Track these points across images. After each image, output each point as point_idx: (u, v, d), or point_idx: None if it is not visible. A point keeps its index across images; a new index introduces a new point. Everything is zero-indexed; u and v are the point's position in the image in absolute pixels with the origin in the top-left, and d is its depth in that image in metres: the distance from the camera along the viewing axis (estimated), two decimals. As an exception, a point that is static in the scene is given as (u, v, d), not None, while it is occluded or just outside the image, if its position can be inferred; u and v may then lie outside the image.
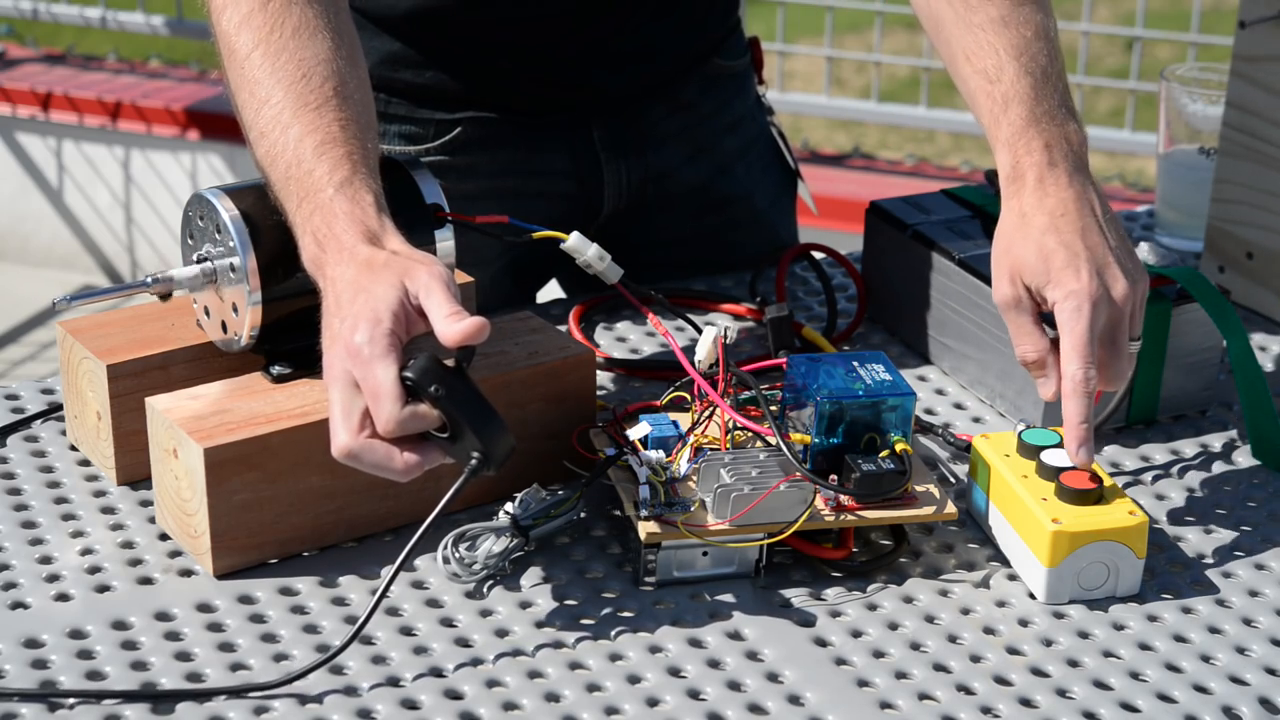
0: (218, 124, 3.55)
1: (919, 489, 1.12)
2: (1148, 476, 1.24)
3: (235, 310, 1.14)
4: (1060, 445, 1.14)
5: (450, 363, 1.01)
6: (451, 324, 1.00)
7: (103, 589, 1.08)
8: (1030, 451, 1.14)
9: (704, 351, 1.14)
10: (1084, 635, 1.07)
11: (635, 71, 1.47)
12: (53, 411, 1.27)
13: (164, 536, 1.13)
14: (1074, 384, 1.11)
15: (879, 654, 1.05)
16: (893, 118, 3.52)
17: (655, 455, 1.11)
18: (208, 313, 1.17)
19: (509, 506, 1.11)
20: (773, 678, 1.03)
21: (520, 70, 1.44)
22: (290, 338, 1.14)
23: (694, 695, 1.01)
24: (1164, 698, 1.02)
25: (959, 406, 1.33)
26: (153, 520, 1.15)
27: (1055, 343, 1.14)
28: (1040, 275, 1.14)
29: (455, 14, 1.40)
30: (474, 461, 1.01)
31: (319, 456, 1.09)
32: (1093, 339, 1.12)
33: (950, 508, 1.12)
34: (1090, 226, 1.14)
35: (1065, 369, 1.12)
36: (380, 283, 1.02)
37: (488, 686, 1.01)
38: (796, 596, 1.10)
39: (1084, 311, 1.12)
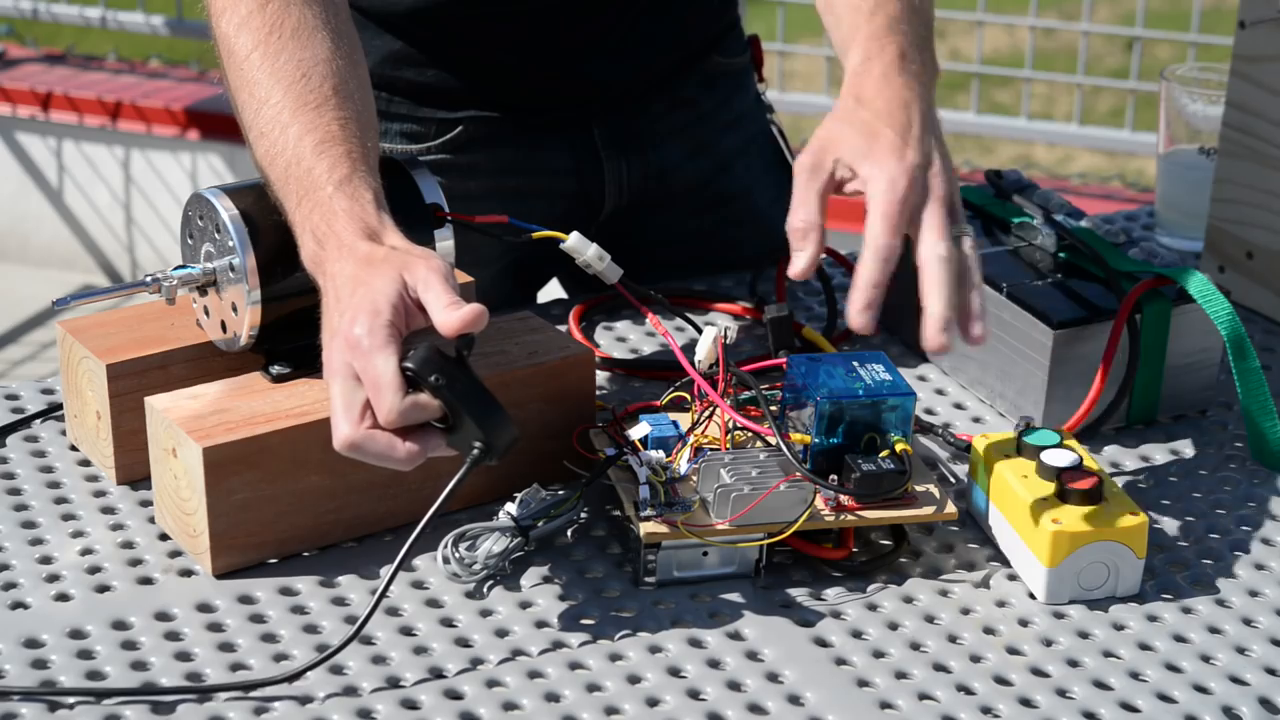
0: (218, 124, 3.55)
1: (919, 489, 1.12)
2: (1148, 476, 1.24)
3: (235, 310, 1.14)
4: (1061, 445, 1.14)
5: (451, 354, 1.02)
6: (450, 313, 1.01)
7: (103, 589, 1.08)
8: (1030, 451, 1.14)
9: (704, 351, 1.14)
10: (1084, 635, 1.07)
11: (634, 67, 1.47)
12: (53, 411, 1.27)
13: (164, 536, 1.13)
14: (877, 248, 1.09)
15: (879, 654, 1.05)
16: (893, 118, 3.51)
17: (655, 455, 1.11)
18: (207, 312, 1.17)
19: (509, 506, 1.11)
20: (773, 678, 1.03)
21: (520, 67, 1.44)
22: (290, 337, 1.14)
23: (694, 695, 1.01)
24: (1164, 698, 1.02)
25: (959, 406, 1.33)
26: (153, 520, 1.15)
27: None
28: (859, 151, 1.11)
29: (455, 11, 1.40)
30: (476, 451, 1.01)
31: (318, 456, 1.09)
32: (903, 215, 1.09)
33: (950, 508, 1.12)
34: (921, 127, 1.13)
35: (871, 235, 1.09)
36: (379, 276, 1.02)
37: (488, 686, 1.01)
38: (796, 596, 1.10)
39: (899, 187, 1.10)
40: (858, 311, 1.09)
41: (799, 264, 1.12)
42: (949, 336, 1.08)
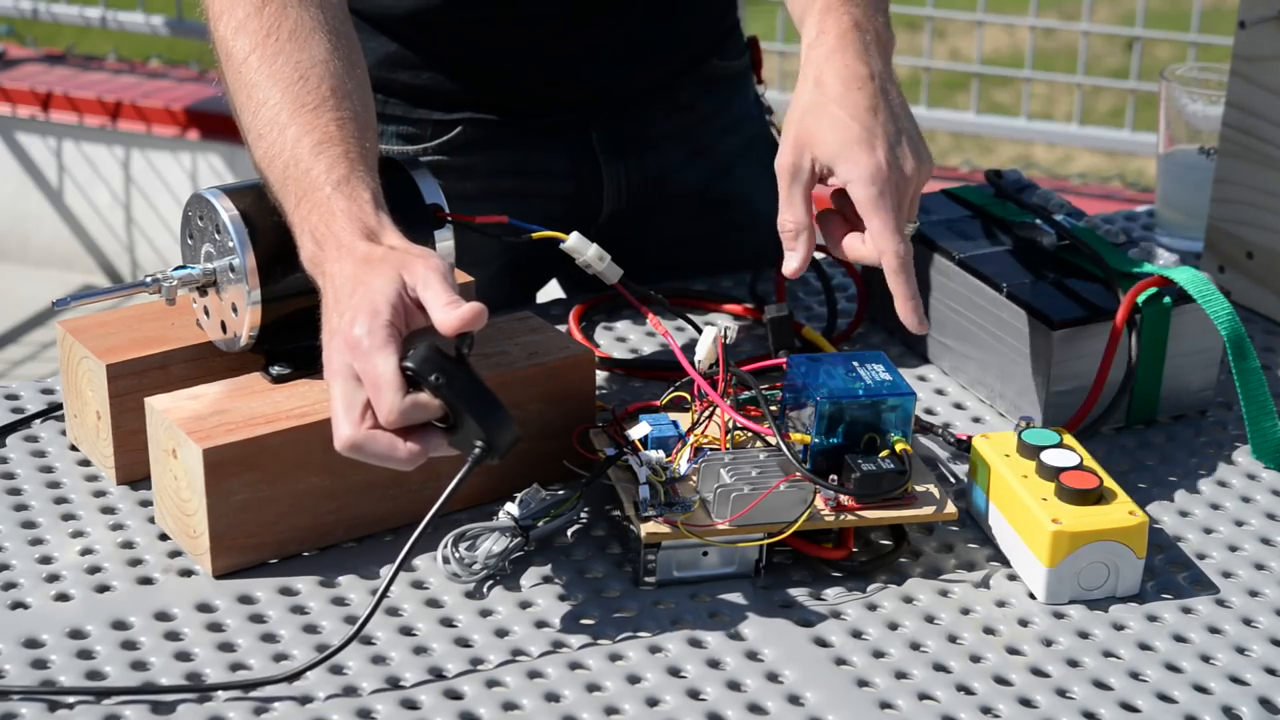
0: (218, 124, 3.56)
1: (919, 489, 1.12)
2: (1148, 476, 1.24)
3: (235, 310, 1.14)
4: (1061, 445, 1.14)
5: (451, 353, 1.02)
6: (449, 312, 1.01)
7: (103, 589, 1.08)
8: (1030, 451, 1.14)
9: (704, 351, 1.14)
10: (1084, 635, 1.07)
11: (632, 72, 1.47)
12: (53, 411, 1.27)
13: (164, 536, 1.13)
14: (898, 261, 1.14)
15: (879, 654, 1.05)
16: (893, 117, 3.51)
17: (655, 455, 1.11)
18: (207, 313, 1.17)
19: (509, 506, 1.11)
20: (773, 678, 1.03)
21: (517, 71, 1.44)
22: (290, 338, 1.14)
23: (694, 695, 1.01)
24: (1164, 698, 1.02)
25: (959, 406, 1.33)
26: (152, 520, 1.15)
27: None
28: (832, 150, 1.14)
29: (452, 15, 1.40)
30: (477, 450, 1.01)
31: (319, 457, 1.09)
32: (900, 214, 1.13)
33: (950, 508, 1.12)
34: (883, 105, 1.15)
35: (884, 248, 1.13)
36: (378, 276, 1.02)
37: (488, 686, 1.01)
38: (796, 596, 1.10)
39: (886, 191, 1.13)
40: (917, 322, 1.14)
41: (792, 263, 1.16)
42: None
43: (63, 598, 1.07)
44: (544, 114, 1.47)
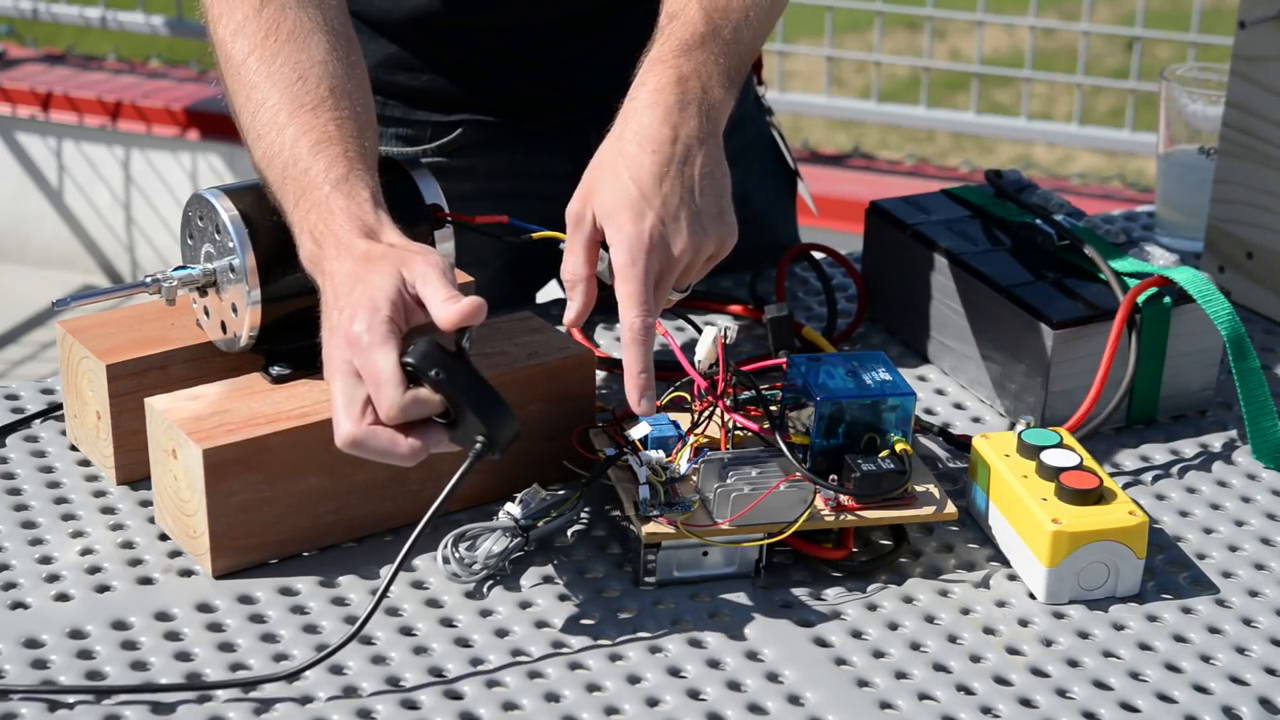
0: (218, 124, 3.56)
1: (919, 489, 1.12)
2: (1148, 476, 1.24)
3: (234, 310, 1.14)
4: (1061, 445, 1.14)
5: (451, 349, 1.02)
6: (449, 307, 1.01)
7: (103, 589, 1.08)
8: (1030, 451, 1.14)
9: (704, 351, 1.14)
10: (1084, 635, 1.07)
11: (630, 75, 1.46)
12: (53, 411, 1.27)
13: (164, 536, 1.13)
14: (633, 333, 1.07)
15: (879, 654, 1.05)
16: (893, 118, 3.52)
17: (655, 455, 1.11)
18: (207, 313, 1.17)
19: (509, 506, 1.11)
20: (773, 678, 1.03)
21: (515, 74, 1.44)
22: (290, 338, 1.14)
23: (694, 695, 1.01)
24: (1164, 698, 1.02)
25: (959, 406, 1.33)
26: (152, 520, 1.15)
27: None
28: (606, 208, 1.10)
29: (451, 21, 1.40)
30: (478, 445, 1.01)
31: (318, 457, 1.09)
32: (648, 286, 1.08)
33: (950, 508, 1.12)
34: (679, 173, 1.10)
35: (624, 316, 1.08)
36: (377, 273, 1.02)
37: (488, 686, 1.01)
38: (797, 596, 1.10)
39: (639, 262, 1.08)
40: (639, 401, 1.07)
41: (570, 313, 1.11)
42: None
43: (63, 598, 1.07)
44: (543, 116, 1.46)
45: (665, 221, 1.09)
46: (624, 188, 1.10)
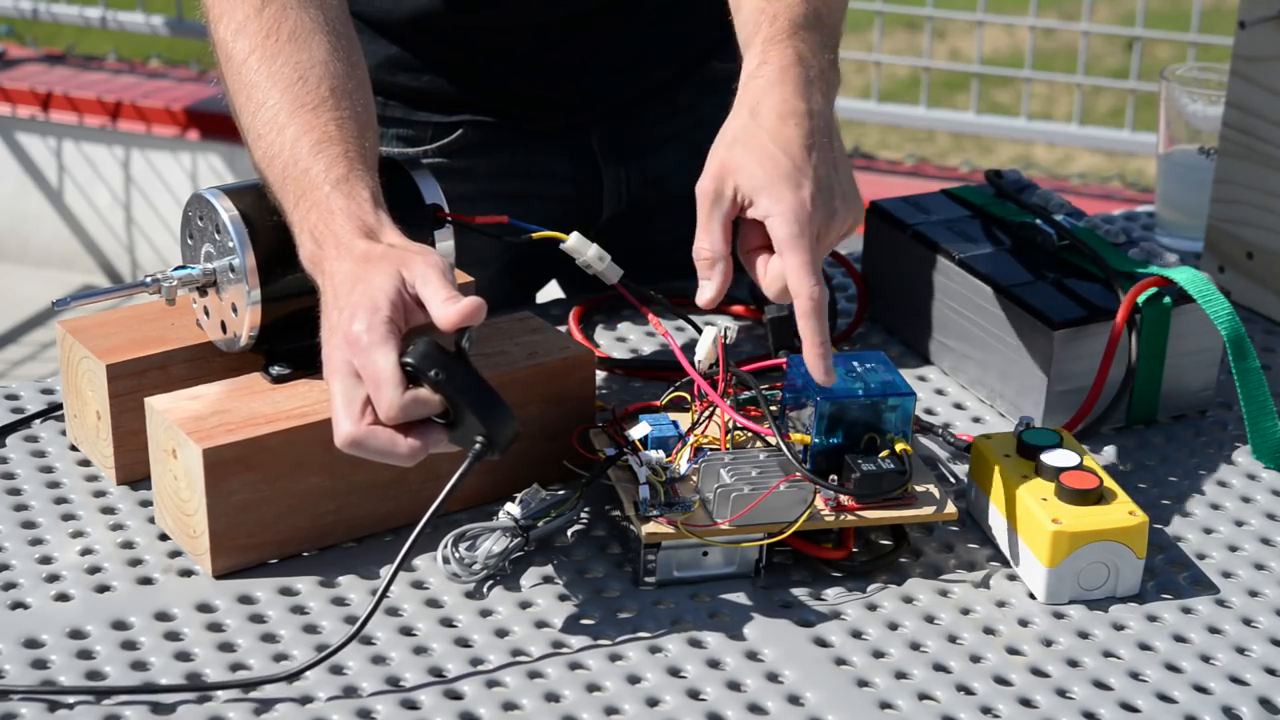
0: (218, 124, 3.56)
1: (919, 489, 1.12)
2: (1148, 476, 1.24)
3: (234, 310, 1.14)
4: (1061, 445, 1.14)
5: (451, 349, 1.02)
6: (448, 307, 1.01)
7: (103, 589, 1.08)
8: (1030, 451, 1.14)
9: (704, 351, 1.14)
10: (1084, 635, 1.07)
11: (631, 76, 1.47)
12: (53, 411, 1.27)
13: (164, 536, 1.13)
14: (812, 303, 1.07)
15: (879, 654, 1.05)
16: (893, 118, 3.52)
17: (655, 455, 1.11)
18: (207, 313, 1.17)
19: (509, 506, 1.11)
20: (773, 678, 1.03)
21: (516, 75, 1.44)
22: (289, 338, 1.14)
23: (694, 695, 1.01)
24: (1164, 698, 1.02)
25: (959, 406, 1.33)
26: (153, 520, 1.15)
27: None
28: (757, 181, 1.09)
29: (452, 21, 1.40)
30: (478, 445, 1.01)
31: (318, 457, 1.09)
32: (817, 254, 1.08)
33: (950, 508, 1.12)
34: (821, 144, 1.11)
35: (799, 287, 1.07)
36: (377, 273, 1.02)
37: (488, 686, 1.01)
38: (797, 596, 1.10)
39: (806, 230, 1.08)
40: (824, 372, 1.08)
41: (707, 293, 1.11)
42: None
43: (63, 598, 1.07)
44: (544, 117, 1.46)
45: (819, 190, 1.09)
46: (775, 159, 1.10)
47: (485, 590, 1.09)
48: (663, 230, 1.53)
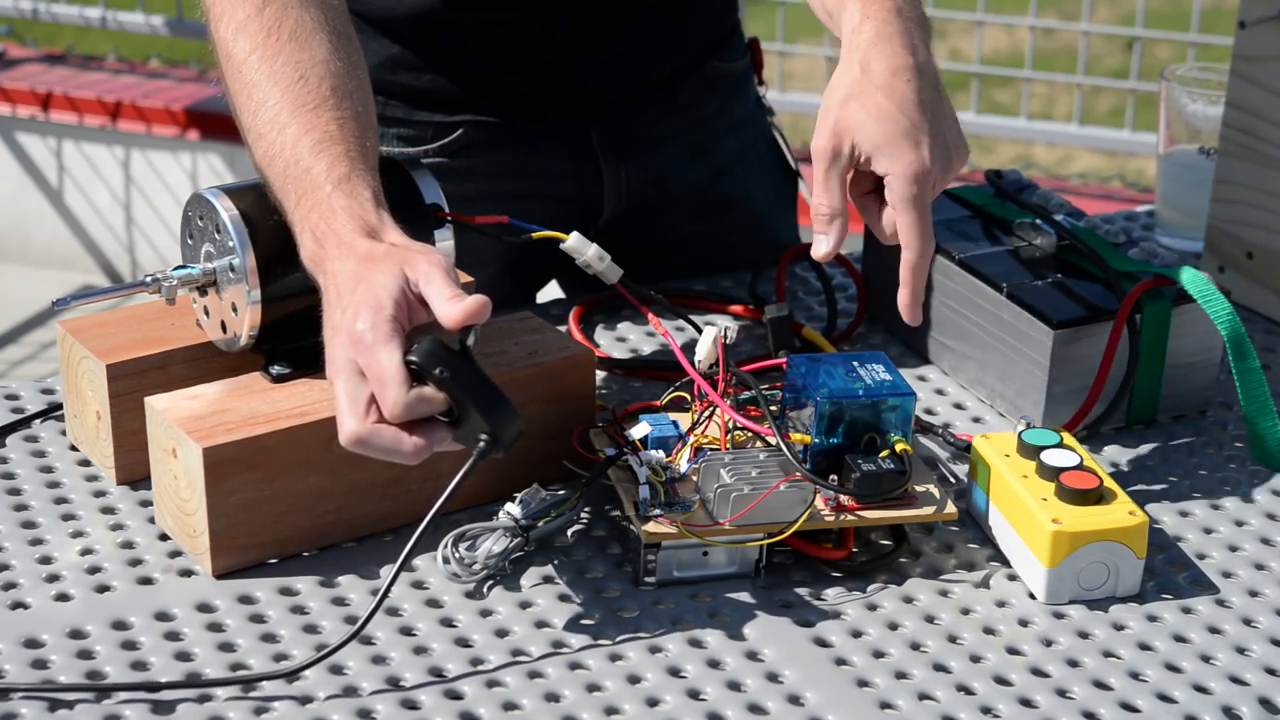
0: (218, 124, 3.56)
1: (919, 489, 1.12)
2: (1148, 476, 1.24)
3: (234, 310, 1.14)
4: (1061, 445, 1.14)
5: (455, 347, 1.02)
6: (453, 305, 1.01)
7: (103, 589, 1.08)
8: (1030, 451, 1.14)
9: (704, 351, 1.14)
10: (1084, 635, 1.07)
11: (632, 75, 1.47)
12: (53, 411, 1.27)
13: (164, 536, 1.13)
14: (923, 259, 1.13)
15: (879, 654, 1.05)
16: (893, 118, 3.51)
17: (655, 455, 1.11)
18: (207, 312, 1.17)
19: (509, 506, 1.11)
20: (773, 678, 1.03)
21: (518, 74, 1.44)
22: (289, 337, 1.14)
23: (694, 695, 1.01)
24: (1164, 698, 1.02)
25: (959, 406, 1.33)
26: (153, 520, 1.15)
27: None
28: (875, 140, 1.12)
29: (453, 17, 1.40)
30: (482, 443, 1.01)
31: (318, 456, 1.09)
32: (929, 213, 1.13)
33: (950, 508, 1.12)
34: (930, 97, 1.13)
35: (914, 245, 1.13)
36: (380, 272, 1.02)
37: (488, 686, 1.01)
38: (796, 596, 1.10)
39: (925, 191, 1.12)
40: (912, 317, 1.14)
41: (823, 247, 1.15)
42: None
43: (63, 598, 1.07)
44: (544, 116, 1.46)
45: (935, 146, 1.12)
46: (892, 117, 1.12)
47: (485, 590, 1.09)
48: (663, 229, 1.54)
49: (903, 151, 1.11)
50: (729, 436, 1.13)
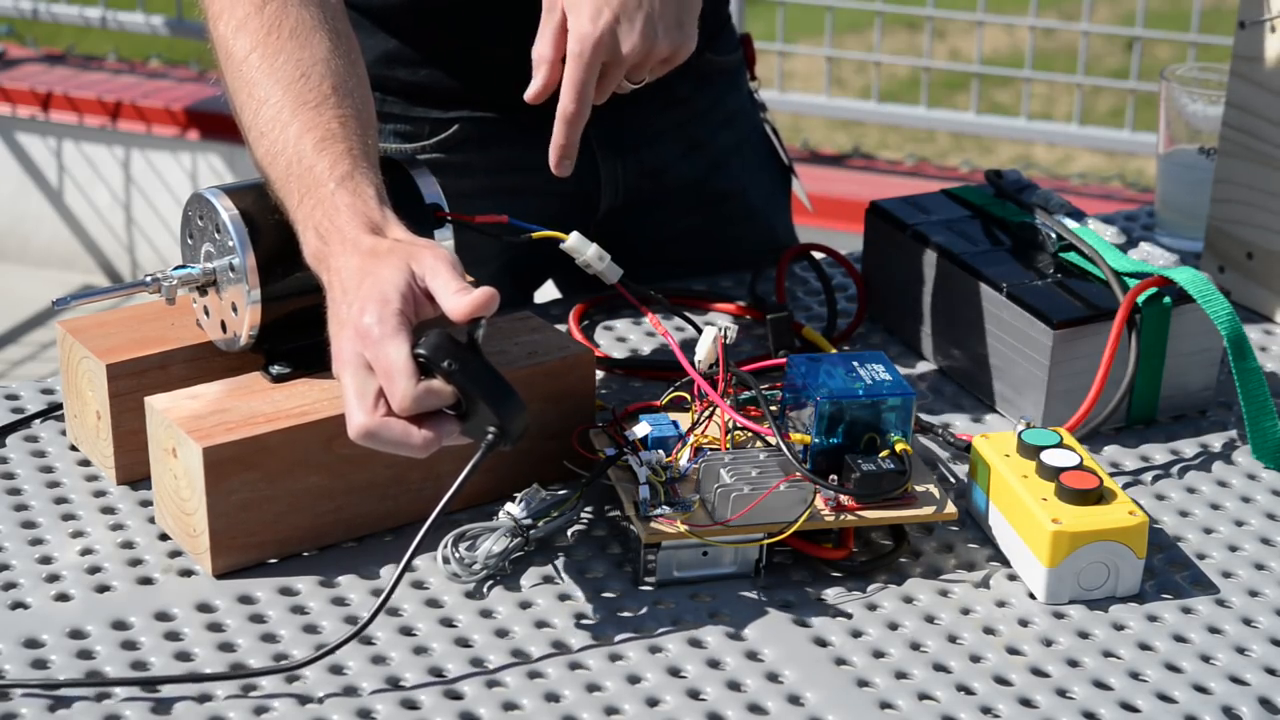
0: (218, 124, 3.56)
1: (919, 489, 1.12)
2: (1148, 476, 1.24)
3: (234, 310, 1.14)
4: (1061, 445, 1.14)
5: (463, 340, 1.02)
6: (460, 298, 1.01)
7: (103, 589, 1.08)
8: (1030, 451, 1.14)
9: (704, 351, 1.14)
10: (1084, 635, 1.07)
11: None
12: (53, 411, 1.27)
13: (164, 536, 1.13)
14: (563, 114, 1.18)
15: (879, 654, 1.05)
16: (893, 118, 3.52)
17: (655, 455, 1.11)
18: (207, 312, 1.17)
19: (509, 506, 1.11)
20: (773, 678, 1.03)
21: (514, 66, 1.43)
22: (290, 337, 1.14)
23: (694, 695, 1.01)
24: (1164, 698, 1.02)
25: (959, 406, 1.33)
26: (153, 520, 1.15)
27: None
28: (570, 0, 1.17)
29: (450, 9, 1.40)
30: (490, 436, 1.01)
31: (318, 456, 1.09)
32: (589, 77, 1.17)
33: (950, 508, 1.12)
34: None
35: (562, 97, 1.18)
36: (386, 266, 1.02)
37: (488, 686, 1.01)
38: (797, 596, 1.10)
39: (586, 54, 1.16)
40: (559, 163, 1.20)
41: (531, 89, 1.21)
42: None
43: (63, 598, 1.07)
44: (540, 110, 1.46)
45: (620, 20, 1.16)
46: None
47: (485, 590, 1.09)
48: (660, 223, 1.54)
49: (583, 15, 1.16)
50: (729, 436, 1.13)
